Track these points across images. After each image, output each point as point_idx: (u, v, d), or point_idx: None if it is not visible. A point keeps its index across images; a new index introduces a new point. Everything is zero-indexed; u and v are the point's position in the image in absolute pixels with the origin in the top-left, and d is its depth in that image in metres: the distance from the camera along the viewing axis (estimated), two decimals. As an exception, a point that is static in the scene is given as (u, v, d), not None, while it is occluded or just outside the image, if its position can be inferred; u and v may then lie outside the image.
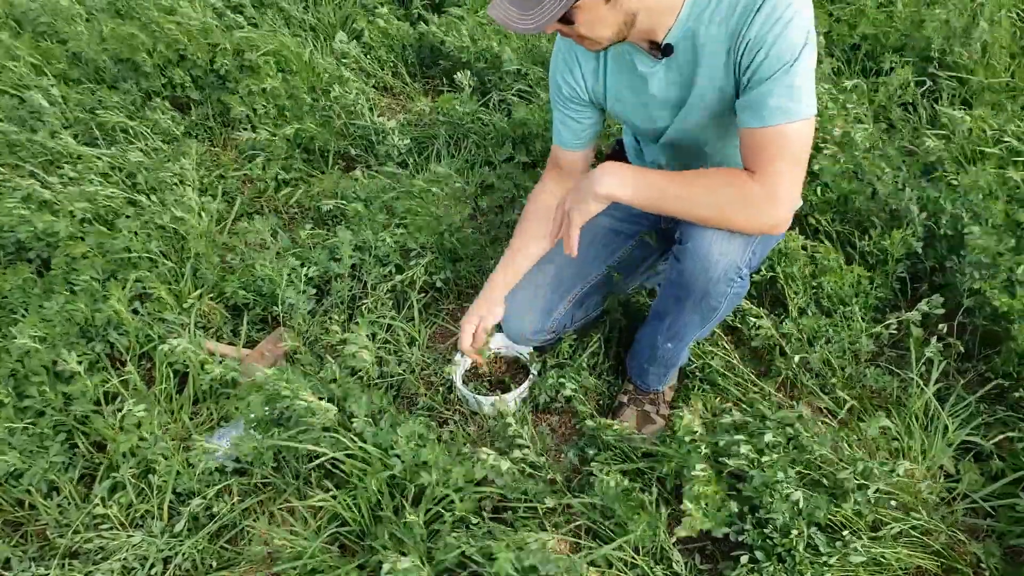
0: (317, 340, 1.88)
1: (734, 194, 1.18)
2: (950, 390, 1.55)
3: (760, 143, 1.16)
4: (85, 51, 2.86)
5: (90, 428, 1.64)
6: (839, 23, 2.60)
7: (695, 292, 1.33)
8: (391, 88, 2.94)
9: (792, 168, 1.16)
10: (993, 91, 2.25)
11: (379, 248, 1.99)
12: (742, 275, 1.32)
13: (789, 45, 1.10)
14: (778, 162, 1.15)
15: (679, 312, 1.40)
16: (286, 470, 1.55)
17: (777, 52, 1.11)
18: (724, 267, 1.27)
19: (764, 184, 1.15)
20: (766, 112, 1.14)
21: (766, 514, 1.25)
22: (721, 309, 1.38)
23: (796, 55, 1.11)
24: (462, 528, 1.38)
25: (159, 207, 2.13)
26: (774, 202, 1.16)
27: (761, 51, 1.12)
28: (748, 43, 1.13)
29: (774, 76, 1.12)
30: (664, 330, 1.46)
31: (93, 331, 1.81)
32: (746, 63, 1.15)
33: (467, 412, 1.70)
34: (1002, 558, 1.29)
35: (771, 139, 1.15)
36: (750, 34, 1.12)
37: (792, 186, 1.17)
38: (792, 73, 1.11)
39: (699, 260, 1.27)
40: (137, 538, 1.42)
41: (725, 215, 1.20)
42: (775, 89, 1.12)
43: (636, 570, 1.31)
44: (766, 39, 1.11)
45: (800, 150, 1.16)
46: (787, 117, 1.13)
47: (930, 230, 1.76)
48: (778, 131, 1.14)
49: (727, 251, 1.26)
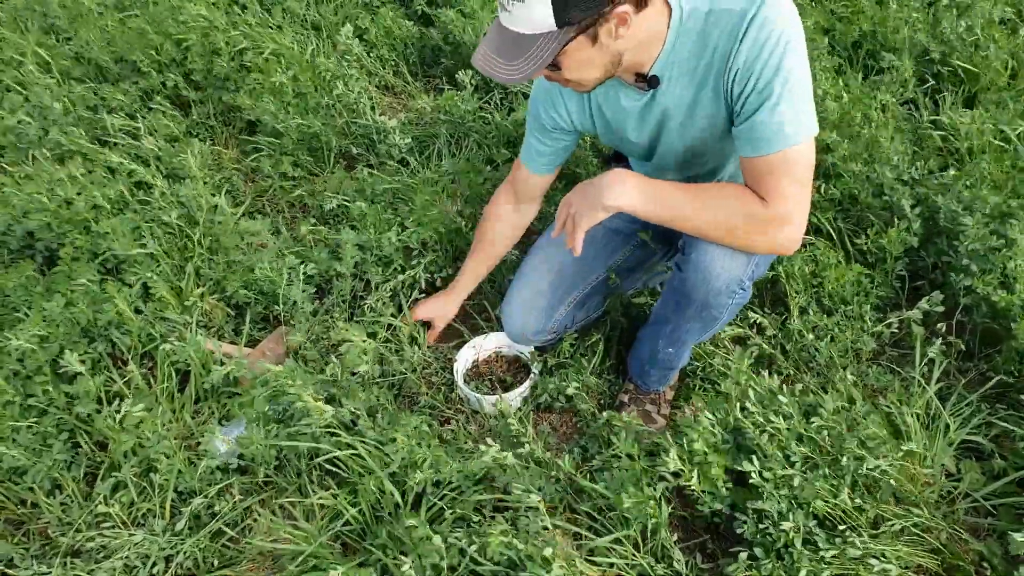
0: (319, 339, 1.88)
1: (745, 216, 1.15)
2: (951, 389, 1.55)
3: (763, 170, 1.14)
4: (87, 51, 2.86)
5: (93, 427, 1.64)
6: (841, 21, 2.59)
7: (696, 302, 1.32)
8: (392, 87, 2.94)
9: (800, 190, 1.14)
10: (995, 89, 2.25)
11: (381, 247, 1.99)
12: (744, 287, 1.31)
13: (779, 68, 1.08)
14: (785, 185, 1.13)
15: (680, 319, 1.39)
16: (287, 469, 1.55)
17: (768, 78, 1.09)
18: (726, 280, 1.26)
19: (775, 207, 1.13)
20: (764, 142, 1.12)
21: (763, 501, 1.25)
22: (723, 318, 1.37)
23: (788, 77, 1.08)
24: (463, 527, 1.38)
25: (171, 198, 2.14)
26: (788, 224, 1.15)
27: (751, 79, 1.10)
28: (737, 71, 1.11)
29: (767, 103, 1.10)
30: (665, 335, 1.45)
31: (95, 331, 1.82)
32: (737, 91, 1.13)
33: (468, 411, 1.70)
34: (1003, 557, 1.28)
35: (775, 165, 1.13)
36: (738, 62, 1.10)
37: (803, 206, 1.15)
38: (786, 96, 1.09)
39: (701, 272, 1.26)
40: (139, 536, 1.43)
41: (736, 237, 1.18)
42: (772, 117, 1.10)
43: (637, 569, 1.31)
44: (754, 66, 1.09)
45: (804, 171, 1.14)
46: (786, 142, 1.10)
47: (928, 227, 1.76)
48: (780, 157, 1.12)
49: (729, 266, 1.24)
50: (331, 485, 1.48)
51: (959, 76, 2.31)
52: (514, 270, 1.96)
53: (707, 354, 1.68)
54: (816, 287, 1.72)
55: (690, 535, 1.42)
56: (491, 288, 2.00)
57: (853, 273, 1.67)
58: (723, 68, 1.14)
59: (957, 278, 1.62)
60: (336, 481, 1.49)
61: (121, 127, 2.50)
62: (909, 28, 2.45)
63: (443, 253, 2.05)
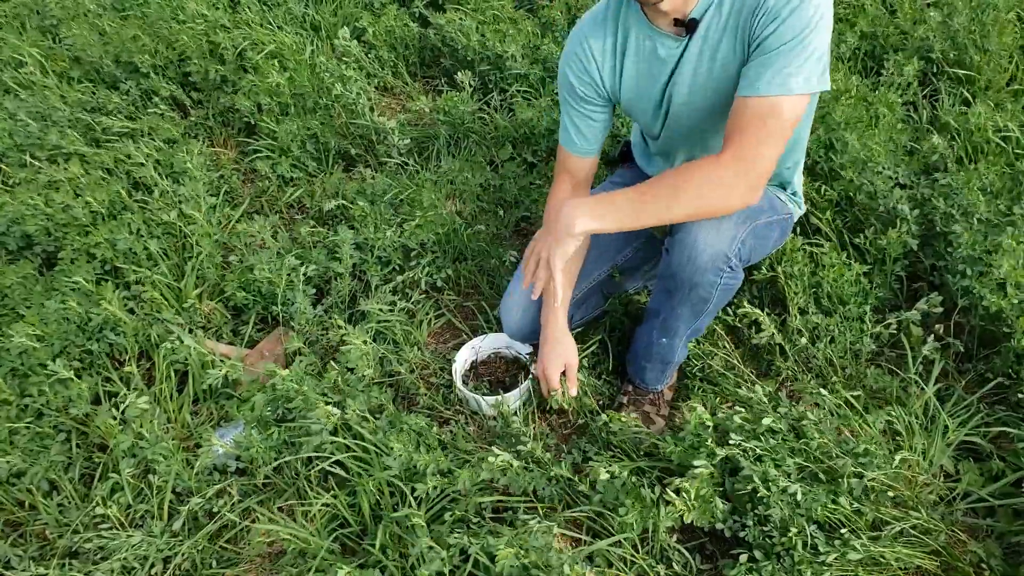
0: (318, 340, 1.88)
1: (704, 185, 1.17)
2: (950, 390, 1.55)
3: (750, 114, 1.15)
4: (84, 55, 2.86)
5: (90, 427, 1.64)
6: (841, 22, 2.60)
7: (683, 283, 1.33)
8: (391, 88, 2.94)
9: (773, 147, 1.16)
10: (995, 90, 2.25)
11: (381, 247, 1.99)
12: (732, 265, 1.31)
13: (803, 19, 1.11)
14: (760, 142, 1.14)
15: (670, 306, 1.40)
16: (286, 470, 1.55)
17: (790, 24, 1.11)
18: (710, 256, 1.27)
19: (739, 164, 1.15)
20: (762, 82, 1.14)
21: (765, 510, 1.25)
22: (712, 301, 1.37)
23: (809, 29, 1.11)
24: (463, 527, 1.38)
25: (169, 199, 2.13)
26: (748, 183, 1.17)
27: (774, 22, 1.13)
28: (764, 13, 1.14)
29: (781, 48, 1.12)
30: (658, 325, 1.46)
31: (90, 331, 1.81)
32: (758, 32, 1.15)
33: (467, 412, 1.70)
34: (1002, 558, 1.28)
35: (764, 111, 1.14)
36: (767, 4, 1.13)
37: (769, 164, 1.17)
38: (800, 47, 1.12)
39: (685, 249, 1.28)
40: (137, 538, 1.42)
41: (701, 207, 1.19)
42: (778, 60, 1.13)
43: (636, 568, 1.31)
44: (782, 12, 1.12)
45: (786, 125, 1.16)
46: (784, 90, 1.13)
47: (927, 228, 1.76)
48: (771, 102, 1.14)
49: (713, 240, 1.26)
50: (332, 486, 1.48)
51: (959, 77, 2.32)
52: (513, 270, 1.97)
53: (706, 354, 1.68)
54: (815, 287, 1.72)
55: (690, 536, 1.42)
56: (490, 288, 2.00)
57: (852, 274, 1.67)
58: (753, 10, 1.16)
59: (954, 280, 1.62)
60: (336, 481, 1.49)
61: (119, 128, 2.49)
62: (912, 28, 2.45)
63: (442, 254, 2.05)
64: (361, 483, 1.41)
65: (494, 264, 2.03)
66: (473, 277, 2.03)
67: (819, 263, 1.72)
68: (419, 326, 1.90)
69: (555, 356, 1.52)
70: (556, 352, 1.52)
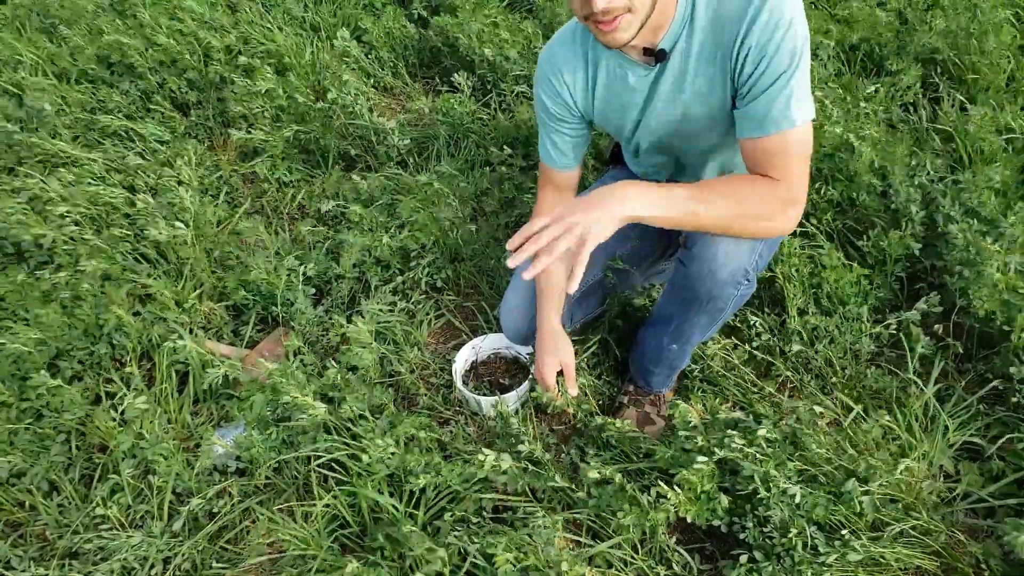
0: (318, 340, 1.88)
1: (762, 203, 1.16)
2: (950, 391, 1.55)
3: (768, 151, 1.16)
4: (80, 58, 2.86)
5: (90, 429, 1.64)
6: (839, 23, 2.60)
7: (702, 295, 1.32)
8: (391, 88, 2.94)
9: (805, 170, 1.18)
10: (994, 91, 2.25)
11: (380, 249, 1.99)
12: (748, 277, 1.31)
13: (789, 52, 1.10)
14: (792, 165, 1.16)
15: (686, 314, 1.39)
16: (286, 471, 1.55)
17: (779, 60, 1.11)
18: (731, 271, 1.27)
19: (787, 188, 1.16)
20: (770, 122, 1.14)
21: (765, 511, 1.26)
22: (728, 310, 1.37)
23: (796, 61, 1.11)
24: (463, 527, 1.38)
25: (160, 207, 2.12)
26: (795, 204, 1.18)
27: (763, 60, 1.12)
28: (748, 52, 1.13)
29: (775, 85, 1.12)
30: (670, 332, 1.45)
31: (96, 334, 1.81)
32: (748, 72, 1.14)
33: (467, 413, 1.70)
34: (1002, 558, 1.29)
35: (781, 146, 1.15)
36: (750, 42, 1.12)
37: (806, 186, 1.19)
38: (793, 80, 1.11)
39: (706, 264, 1.27)
40: (137, 538, 1.42)
41: (746, 225, 1.18)
42: (777, 98, 1.12)
43: (636, 569, 1.31)
44: (767, 48, 1.11)
45: (805, 151, 1.17)
46: (790, 124, 1.13)
47: (929, 229, 1.76)
48: (783, 137, 1.14)
49: (734, 256, 1.25)
50: (332, 487, 1.48)
51: (959, 78, 2.32)
52: (512, 271, 1.96)
53: (707, 355, 1.68)
54: (815, 288, 1.72)
55: (689, 537, 1.42)
56: (490, 288, 2.00)
57: (852, 274, 1.67)
58: (733, 50, 1.15)
59: (952, 280, 1.62)
60: (336, 481, 1.49)
61: (118, 128, 2.49)
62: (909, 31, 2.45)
63: (441, 255, 2.05)
64: (359, 483, 1.41)
65: (493, 264, 2.03)
66: (473, 277, 2.03)
67: (819, 264, 1.72)
68: (419, 326, 1.90)
69: (550, 358, 1.50)
70: (551, 354, 1.50)
